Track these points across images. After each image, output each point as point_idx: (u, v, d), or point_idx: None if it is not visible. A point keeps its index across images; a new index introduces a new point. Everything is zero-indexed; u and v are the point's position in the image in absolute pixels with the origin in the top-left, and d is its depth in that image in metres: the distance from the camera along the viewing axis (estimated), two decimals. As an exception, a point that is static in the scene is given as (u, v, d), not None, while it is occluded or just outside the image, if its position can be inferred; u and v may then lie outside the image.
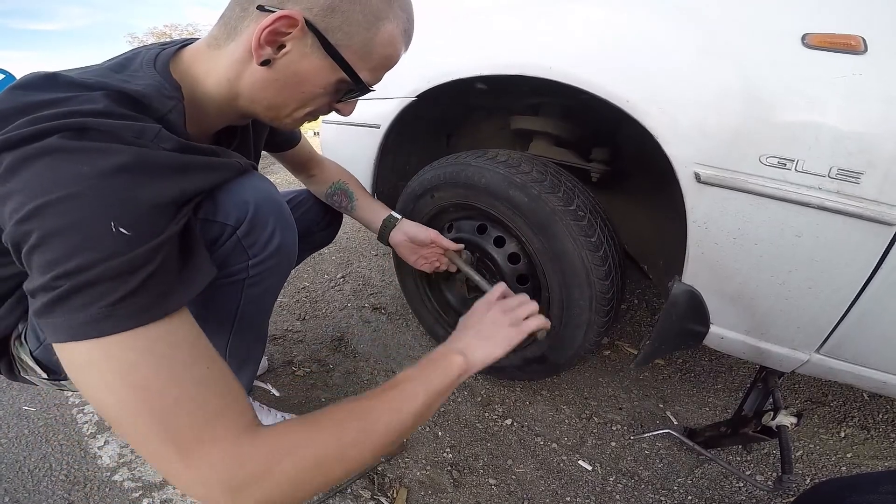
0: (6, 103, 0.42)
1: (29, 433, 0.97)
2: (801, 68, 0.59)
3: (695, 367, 1.22)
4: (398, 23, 0.55)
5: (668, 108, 0.66)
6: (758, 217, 0.63)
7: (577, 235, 0.79)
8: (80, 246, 0.36)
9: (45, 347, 0.61)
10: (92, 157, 0.39)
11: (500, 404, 1.06)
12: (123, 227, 0.38)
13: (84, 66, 0.55)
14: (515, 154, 0.88)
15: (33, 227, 0.37)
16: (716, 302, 0.73)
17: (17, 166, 0.38)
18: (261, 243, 0.60)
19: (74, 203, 0.37)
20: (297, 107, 0.58)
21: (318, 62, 0.53)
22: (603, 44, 0.73)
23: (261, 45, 0.50)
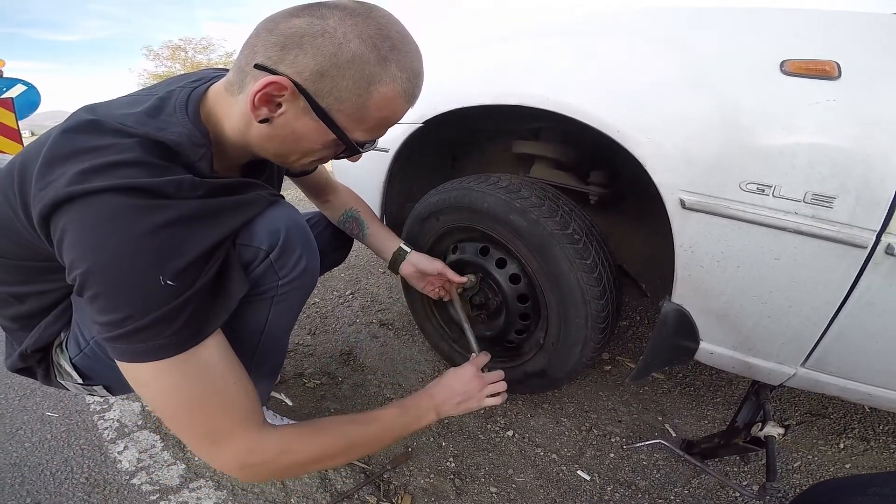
0: (59, 148, 0.49)
1: (52, 438, 1.02)
2: (779, 95, 0.62)
3: (694, 382, 1.25)
4: (395, 84, 0.54)
5: (655, 136, 0.70)
6: (739, 241, 0.67)
7: (572, 258, 0.84)
8: (135, 301, 0.46)
9: (84, 355, 0.67)
10: (141, 217, 0.46)
11: (503, 416, 1.10)
12: (170, 279, 0.47)
13: (127, 98, 0.61)
14: (516, 179, 0.93)
15: (93, 282, 0.45)
16: (704, 320, 0.77)
17: (74, 221, 0.45)
18: (290, 265, 0.66)
19: (128, 263, 0.45)
20: (301, 157, 0.61)
21: (312, 123, 0.55)
22: (595, 75, 0.77)
23: (256, 107, 0.52)
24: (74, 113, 0.55)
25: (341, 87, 0.52)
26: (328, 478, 0.91)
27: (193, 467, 0.93)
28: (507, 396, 0.84)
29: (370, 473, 0.92)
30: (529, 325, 1.01)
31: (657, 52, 0.72)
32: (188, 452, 0.96)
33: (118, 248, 0.45)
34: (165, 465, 0.94)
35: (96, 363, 0.67)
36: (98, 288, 0.45)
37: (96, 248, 0.45)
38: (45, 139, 0.53)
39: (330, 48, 0.50)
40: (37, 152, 0.52)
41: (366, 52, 0.51)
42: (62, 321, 0.67)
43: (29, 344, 0.67)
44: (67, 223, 0.46)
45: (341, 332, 1.44)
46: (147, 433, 1.02)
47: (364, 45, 0.51)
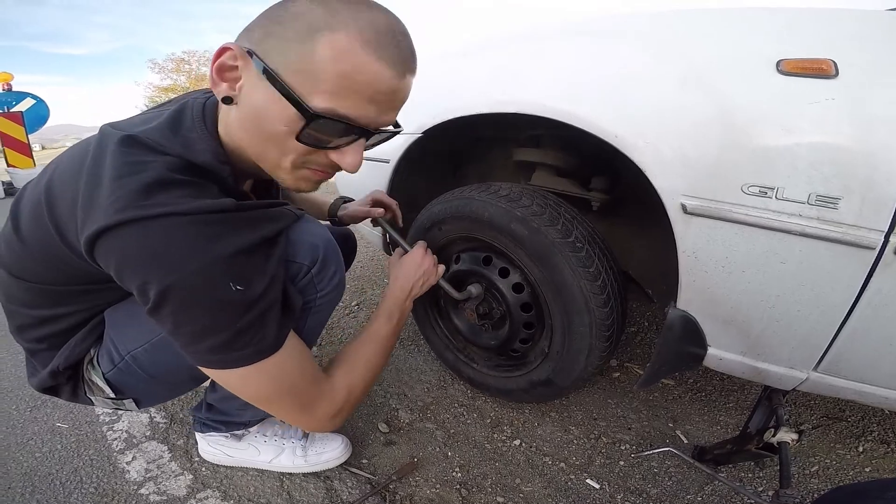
0: (99, 167, 0.51)
1: (62, 448, 1.03)
2: (776, 95, 0.61)
3: (706, 387, 1.23)
4: (348, 31, 0.46)
5: (653, 140, 0.69)
6: (743, 246, 0.66)
7: (575, 266, 0.83)
8: (219, 316, 0.50)
9: (118, 370, 0.68)
10: (209, 239, 0.49)
11: (509, 426, 1.08)
12: (238, 284, 0.50)
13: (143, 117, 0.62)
14: (517, 188, 0.92)
15: (173, 300, 0.48)
16: (711, 325, 0.75)
17: (138, 245, 0.47)
18: (327, 279, 0.70)
19: (207, 282, 0.49)
20: (279, 153, 0.54)
21: (267, 91, 0.49)
22: (591, 80, 0.77)
23: (216, 83, 0.52)
24: (103, 131, 0.56)
25: (285, 40, 0.47)
26: (334, 488, 0.91)
27: (200, 478, 0.93)
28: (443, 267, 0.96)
29: (376, 484, 0.92)
30: (534, 334, 1.01)
31: (653, 56, 0.72)
32: (195, 463, 0.97)
33: (195, 268, 0.48)
34: (173, 476, 0.94)
35: (129, 377, 0.69)
36: (178, 306, 0.49)
37: (172, 269, 0.47)
38: (76, 160, 0.54)
39: (279, 12, 0.49)
40: (70, 173, 0.53)
41: (314, 7, 0.48)
42: (92, 337, 0.69)
43: (60, 362, 0.68)
44: (128, 246, 0.47)
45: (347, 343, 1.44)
46: (155, 444, 1.03)
47: (314, 3, 0.48)
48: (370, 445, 1.02)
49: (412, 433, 1.06)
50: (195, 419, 0.94)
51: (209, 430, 0.93)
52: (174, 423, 1.09)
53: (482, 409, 1.14)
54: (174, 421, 1.10)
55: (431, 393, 1.19)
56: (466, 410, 1.13)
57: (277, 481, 0.93)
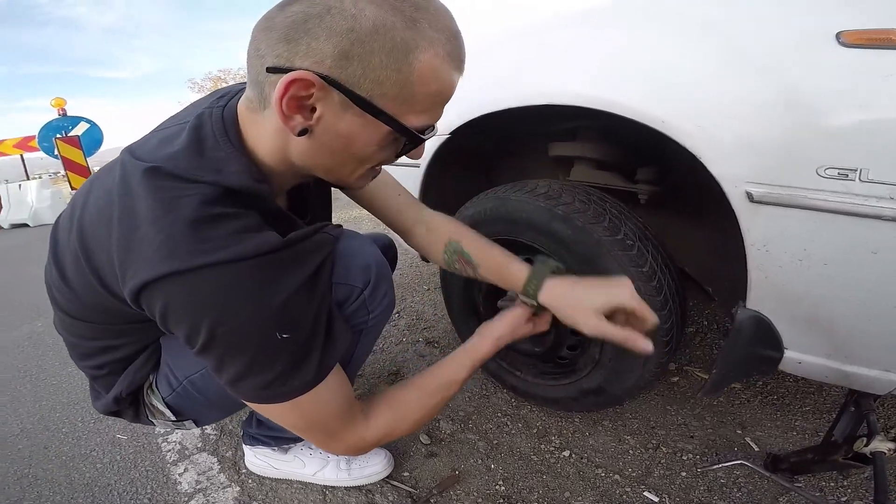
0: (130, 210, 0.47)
1: (120, 459, 1.07)
2: (843, 69, 0.54)
3: (778, 389, 1.12)
4: (436, 47, 0.45)
5: (708, 124, 0.63)
6: (824, 235, 0.58)
7: (626, 266, 0.77)
8: (261, 359, 0.49)
9: (176, 394, 0.69)
10: (253, 285, 0.47)
11: (557, 436, 1.02)
12: (284, 332, 0.49)
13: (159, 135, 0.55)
14: (556, 184, 0.87)
15: (218, 344, 0.47)
16: (788, 326, 0.67)
17: (182, 294, 0.45)
18: (378, 300, 0.69)
19: (251, 328, 0.47)
20: (357, 166, 0.54)
21: (357, 120, 0.46)
22: (628, 63, 0.71)
23: (288, 117, 0.46)
24: (124, 163, 0.52)
25: (374, 66, 0.43)
26: (375, 502, 0.88)
27: (247, 490, 0.94)
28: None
29: (416, 498, 0.89)
30: (583, 341, 0.94)
31: (697, 34, 0.65)
32: (242, 475, 0.98)
33: (244, 318, 0.47)
34: (221, 488, 0.96)
35: (188, 400, 0.70)
36: (224, 350, 0.48)
37: (220, 319, 0.46)
38: (102, 201, 0.51)
39: (343, 23, 0.41)
40: (99, 218, 0.50)
41: (388, 17, 0.42)
42: (150, 364, 0.70)
43: (122, 388, 0.69)
44: (174, 299, 0.46)
45: (388, 351, 1.43)
46: (206, 455, 1.05)
47: (382, 9, 0.42)
48: (411, 458, 0.99)
49: (454, 444, 1.02)
50: (245, 433, 0.95)
51: (258, 444, 0.94)
52: (224, 434, 1.11)
53: (528, 419, 1.08)
54: (224, 433, 1.12)
55: (473, 402, 1.15)
56: (510, 420, 1.08)
57: (320, 494, 0.92)
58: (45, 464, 1.09)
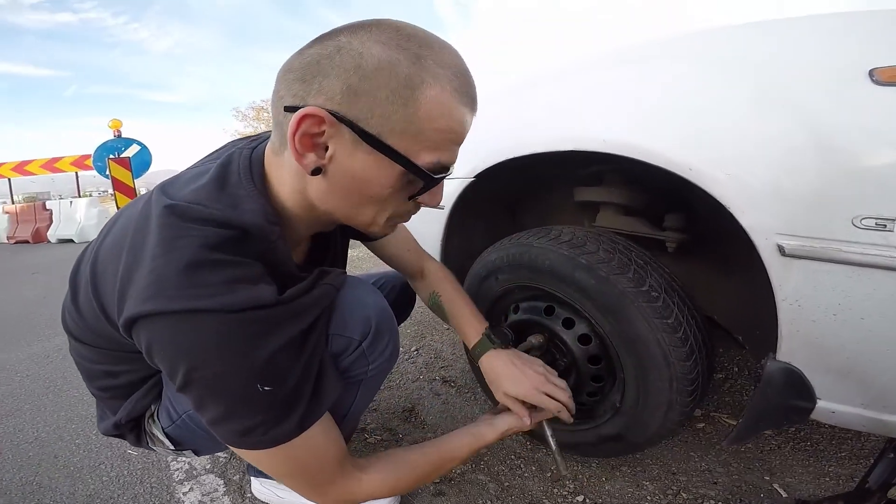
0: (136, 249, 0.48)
1: (128, 474, 1.07)
2: (878, 109, 0.52)
3: (812, 435, 1.05)
4: (441, 83, 0.45)
5: (736, 171, 0.61)
6: (861, 290, 0.55)
7: (651, 317, 0.74)
8: (239, 406, 0.48)
9: (176, 426, 0.70)
10: (237, 337, 0.46)
11: (572, 480, 0.97)
12: (266, 385, 0.48)
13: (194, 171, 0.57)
14: (580, 232, 0.85)
15: (197, 388, 0.47)
16: (821, 377, 0.63)
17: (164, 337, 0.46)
18: (379, 351, 0.68)
19: (231, 377, 0.47)
20: (376, 212, 0.53)
21: (369, 158, 0.46)
22: (654, 108, 0.70)
23: (301, 155, 0.46)
24: (153, 195, 0.53)
25: (381, 101, 0.44)
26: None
27: (250, 517, 0.92)
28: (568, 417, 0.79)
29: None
30: (603, 387, 0.90)
31: (724, 76, 0.65)
32: (247, 500, 0.96)
33: (222, 369, 0.46)
34: (223, 512, 0.94)
35: (187, 432, 0.70)
36: (201, 393, 0.48)
37: (198, 365, 0.46)
38: (122, 230, 0.53)
39: (351, 61, 0.43)
40: (115, 247, 0.52)
41: (393, 54, 0.43)
42: (152, 395, 0.71)
43: (123, 415, 0.71)
44: (157, 337, 0.46)
45: (405, 388, 1.41)
46: (213, 477, 1.04)
47: (387, 47, 0.44)
48: (419, 495, 0.95)
49: (463, 485, 0.97)
50: (250, 465, 0.94)
51: (260, 475, 0.93)
52: (234, 458, 1.10)
53: (542, 462, 1.03)
54: (234, 456, 1.10)
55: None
56: (524, 463, 1.03)
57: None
58: (52, 472, 1.10)
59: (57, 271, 4.11)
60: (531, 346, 0.93)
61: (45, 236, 6.97)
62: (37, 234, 7.05)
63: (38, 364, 1.82)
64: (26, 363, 1.84)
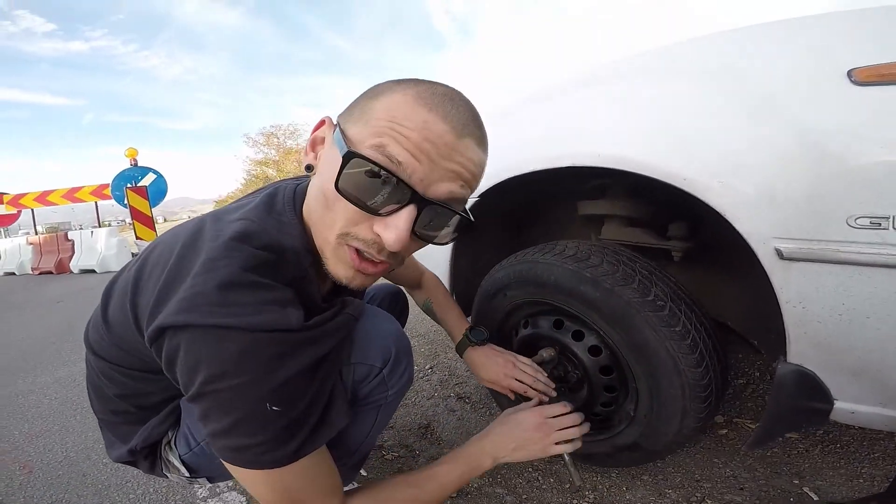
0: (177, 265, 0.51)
1: (153, 492, 1.10)
2: (859, 109, 0.53)
3: (841, 438, 1.03)
4: (406, 92, 0.48)
5: (729, 179, 0.62)
6: (862, 289, 0.55)
7: (658, 326, 0.75)
8: (247, 424, 0.49)
9: (193, 453, 0.71)
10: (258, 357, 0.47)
11: (592, 490, 0.96)
12: (276, 406, 0.49)
13: (244, 199, 0.65)
14: (584, 245, 0.87)
15: (208, 402, 0.49)
16: (835, 378, 0.62)
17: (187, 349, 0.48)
18: (397, 377, 0.70)
19: (243, 394, 0.48)
20: (329, 226, 0.52)
21: (331, 150, 0.50)
22: (645, 121, 0.72)
23: (307, 153, 0.55)
24: (204, 220, 0.58)
25: (357, 104, 0.52)
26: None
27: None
28: (580, 444, 0.79)
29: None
30: (617, 397, 0.90)
31: (710, 86, 0.67)
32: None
33: (236, 384, 0.47)
34: (244, 528, 0.95)
35: (205, 460, 0.71)
36: (211, 406, 0.49)
37: (215, 378, 0.47)
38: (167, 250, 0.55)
39: (365, 92, 0.52)
40: (160, 263, 0.54)
41: (393, 84, 0.51)
42: (169, 422, 0.71)
43: (139, 442, 0.71)
44: (181, 345, 0.48)
45: (420, 405, 1.42)
46: (235, 494, 1.06)
47: (395, 82, 0.51)
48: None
49: (480, 498, 0.97)
50: None
51: None
52: None
53: (560, 474, 1.02)
54: None
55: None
56: (542, 475, 1.03)
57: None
58: (80, 490, 1.13)
59: (81, 300, 4.23)
60: (542, 360, 0.94)
61: (67, 267, 7.06)
62: (60, 265, 7.16)
63: (65, 387, 1.88)
64: (54, 387, 1.90)
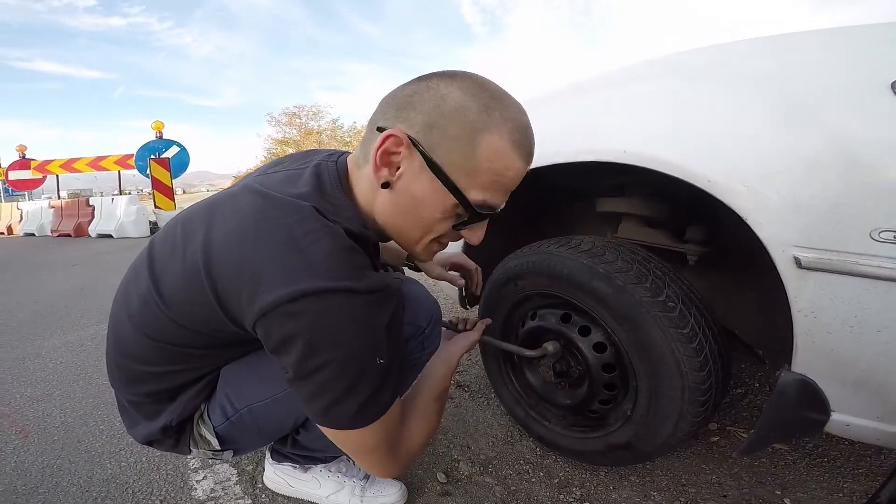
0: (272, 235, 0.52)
1: (146, 461, 1.10)
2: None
3: (829, 452, 1.04)
4: (502, 134, 0.53)
5: (755, 184, 0.62)
6: (878, 303, 0.55)
7: (666, 327, 0.75)
8: (358, 382, 0.54)
9: (230, 422, 0.72)
10: (371, 315, 0.53)
11: (579, 487, 0.97)
12: (382, 358, 0.55)
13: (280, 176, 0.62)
14: (600, 241, 0.87)
15: (325, 369, 0.52)
16: (836, 390, 0.63)
17: (315, 314, 0.50)
18: (433, 339, 0.78)
19: (355, 354, 0.53)
20: (423, 233, 0.60)
21: (429, 183, 0.55)
22: (675, 120, 0.72)
23: (377, 167, 0.55)
24: (251, 191, 0.58)
25: (449, 137, 0.53)
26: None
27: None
28: (489, 321, 0.93)
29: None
30: (616, 395, 0.91)
31: (745, 89, 0.67)
32: (258, 489, 0.98)
33: (357, 345, 0.52)
34: (234, 499, 0.96)
35: (240, 429, 0.73)
36: (331, 374, 0.52)
37: (339, 344, 0.51)
38: (235, 225, 0.55)
39: (434, 100, 0.53)
40: (233, 241, 0.54)
41: (467, 100, 0.53)
42: (204, 394, 0.72)
43: (173, 417, 0.71)
44: (306, 316, 0.50)
45: (419, 391, 1.42)
46: (226, 466, 1.07)
47: (464, 94, 0.53)
48: (426, 494, 0.96)
49: (470, 486, 0.98)
50: (274, 450, 0.95)
51: (284, 461, 0.94)
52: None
53: (550, 468, 1.03)
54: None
55: (496, 447, 1.11)
56: (532, 468, 1.03)
57: (330, 518, 0.90)
58: (73, 456, 1.14)
59: (95, 264, 4.29)
60: (546, 353, 0.95)
61: (86, 230, 7.22)
62: (78, 229, 7.32)
63: (72, 352, 1.88)
64: (61, 350, 1.91)
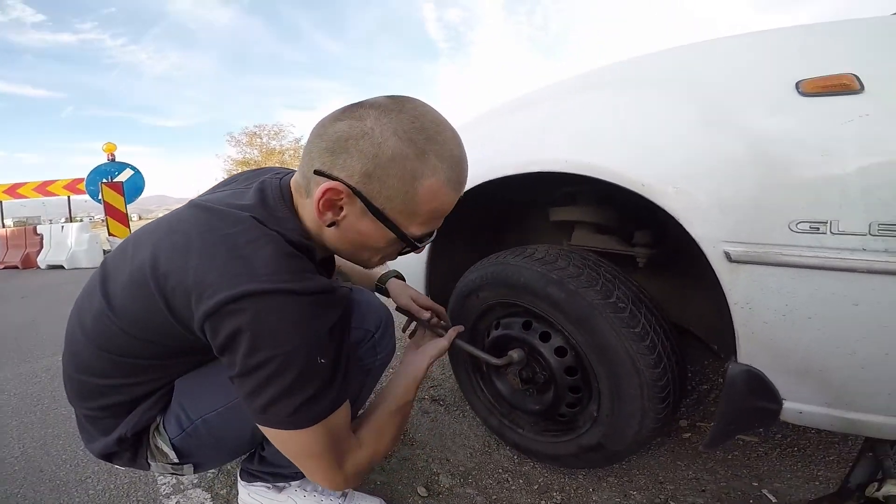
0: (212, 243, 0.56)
1: (114, 488, 1.06)
2: (804, 119, 0.57)
3: (799, 441, 1.08)
4: (438, 175, 0.57)
5: (684, 185, 0.65)
6: (803, 290, 0.59)
7: (619, 327, 0.78)
8: (298, 380, 0.55)
9: (186, 434, 0.71)
10: (312, 315, 0.56)
11: (559, 492, 0.98)
12: (323, 358, 0.56)
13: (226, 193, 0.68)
14: (553, 250, 0.90)
15: (274, 365, 0.53)
16: (782, 378, 0.66)
17: (256, 314, 0.52)
18: (384, 344, 0.80)
19: (296, 352, 0.54)
20: (371, 254, 0.68)
21: (371, 223, 0.60)
22: (608, 128, 0.76)
23: (321, 212, 0.59)
24: (196, 207, 0.62)
25: (389, 186, 0.56)
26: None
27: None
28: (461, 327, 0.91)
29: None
30: (581, 398, 0.93)
31: (668, 95, 0.71)
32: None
33: (298, 343, 0.54)
34: (208, 523, 0.93)
35: (196, 441, 0.72)
36: (273, 371, 0.54)
37: (281, 342, 0.53)
38: (180, 237, 0.58)
39: (371, 149, 0.55)
40: (178, 250, 0.57)
41: (404, 148, 0.55)
42: (159, 406, 0.72)
43: (127, 429, 0.70)
44: (247, 316, 0.52)
45: (394, 408, 1.41)
46: (200, 491, 1.04)
47: (401, 141, 0.55)
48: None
49: (451, 499, 0.98)
50: (243, 469, 0.94)
51: (255, 480, 0.92)
52: (221, 473, 1.09)
53: (529, 475, 1.04)
54: (222, 472, 1.10)
55: (475, 458, 1.11)
56: (511, 476, 1.04)
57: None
58: (37, 486, 1.09)
59: (46, 295, 4.03)
60: (511, 361, 0.96)
61: (34, 262, 6.55)
62: (26, 260, 6.64)
63: (26, 383, 1.80)
64: (14, 382, 1.82)
